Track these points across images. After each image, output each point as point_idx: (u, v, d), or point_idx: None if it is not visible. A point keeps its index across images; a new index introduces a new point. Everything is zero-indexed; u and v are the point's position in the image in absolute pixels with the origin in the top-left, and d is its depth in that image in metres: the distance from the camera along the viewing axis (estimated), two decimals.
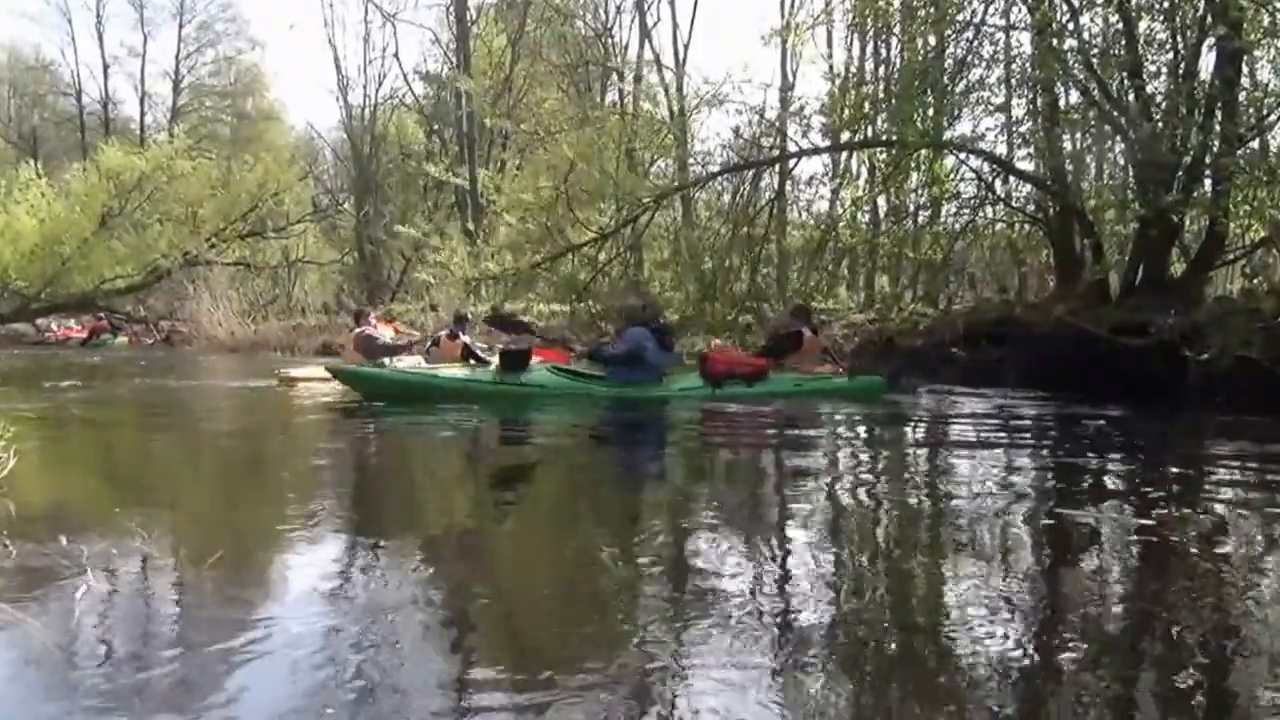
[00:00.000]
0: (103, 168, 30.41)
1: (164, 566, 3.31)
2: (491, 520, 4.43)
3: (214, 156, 35.96)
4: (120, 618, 2.80)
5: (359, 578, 3.23)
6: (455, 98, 31.02)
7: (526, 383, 9.23)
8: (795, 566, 3.43)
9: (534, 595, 3.27)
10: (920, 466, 6.11)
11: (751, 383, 9.55)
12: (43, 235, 29.59)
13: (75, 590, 2.95)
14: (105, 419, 8.53)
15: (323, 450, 6.69)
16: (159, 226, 30.91)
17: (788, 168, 16.27)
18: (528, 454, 6.91)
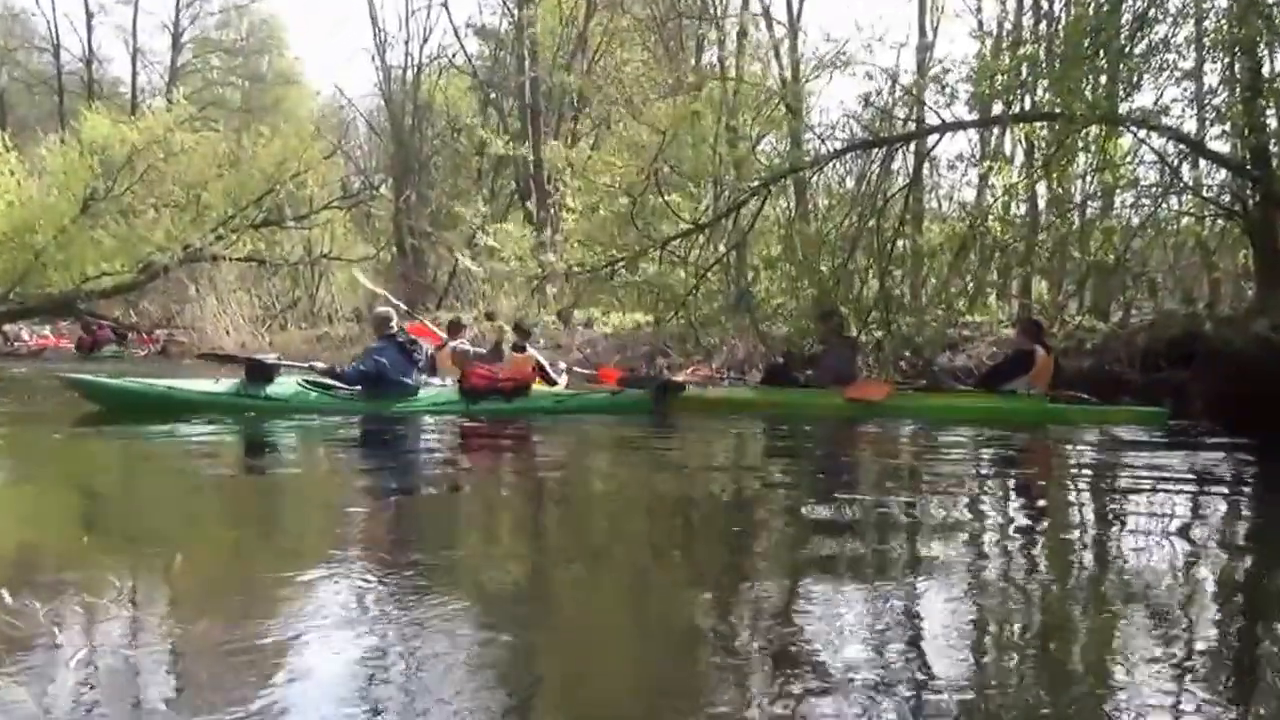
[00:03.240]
0: (85, 140, 32.21)
1: (151, 624, 3.80)
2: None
3: (221, 128, 37.47)
4: (105, 686, 3.18)
5: (361, 640, 3.65)
6: (516, 59, 32.10)
7: (271, 396, 10.72)
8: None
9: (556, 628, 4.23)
10: (1082, 512, 7.11)
11: (511, 398, 11.49)
12: (11, 222, 31.36)
13: (54, 653, 3.38)
14: (86, 446, 9.66)
15: (311, 481, 8.00)
16: (154, 213, 32.42)
17: (926, 146, 16.76)
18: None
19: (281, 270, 33.27)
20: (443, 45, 44.46)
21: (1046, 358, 11.74)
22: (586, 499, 7.60)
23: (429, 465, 9.26)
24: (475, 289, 24.94)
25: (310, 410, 10.78)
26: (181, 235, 30.89)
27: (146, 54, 54.50)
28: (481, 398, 11.36)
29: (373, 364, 10.98)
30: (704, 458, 9.54)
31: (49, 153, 33.76)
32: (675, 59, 27.42)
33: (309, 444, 9.86)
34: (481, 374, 11.71)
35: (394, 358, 11.04)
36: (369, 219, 39.54)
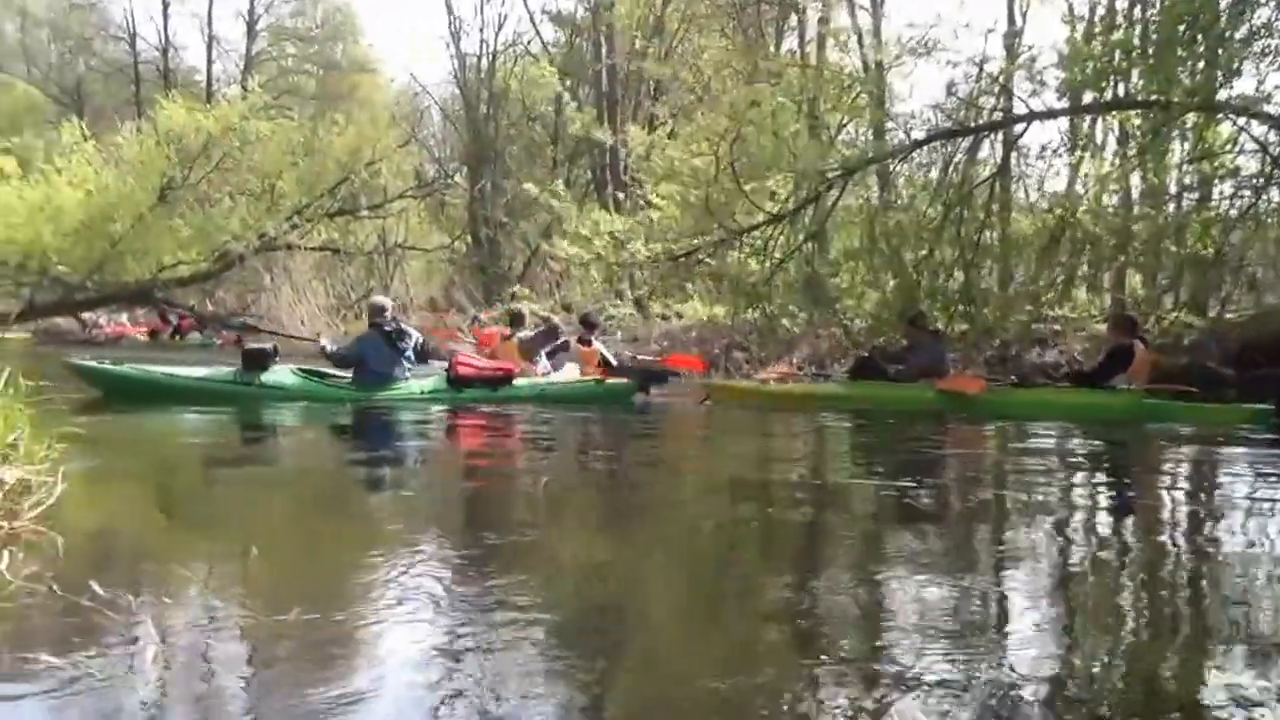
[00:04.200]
0: (161, 129, 32.28)
1: (227, 619, 3.84)
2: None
3: (296, 116, 37.92)
4: (181, 679, 3.26)
5: (444, 635, 3.70)
6: (593, 45, 32.19)
7: (266, 383, 11.32)
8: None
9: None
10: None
11: (496, 388, 12.07)
12: (89, 211, 31.71)
13: (129, 645, 3.47)
14: (162, 437, 10.00)
15: (389, 471, 8.18)
16: (229, 202, 32.64)
17: (1014, 135, 16.66)
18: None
19: (356, 259, 33.52)
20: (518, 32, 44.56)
21: (1145, 352, 11.63)
22: (662, 490, 7.64)
23: (476, 452, 9.49)
24: (550, 279, 24.99)
25: (302, 398, 11.42)
26: (257, 224, 31.24)
27: (221, 42, 55.34)
28: (468, 386, 11.94)
29: (353, 351, 11.87)
30: (788, 451, 9.57)
31: (126, 141, 34.24)
32: (754, 46, 27.36)
33: (325, 430, 10.41)
34: (468, 363, 12.23)
35: (378, 347, 11.69)
36: (443, 208, 39.84)
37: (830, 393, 12.76)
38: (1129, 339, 11.69)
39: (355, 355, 11.79)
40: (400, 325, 12.02)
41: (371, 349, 11.71)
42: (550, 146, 38.10)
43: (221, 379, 11.40)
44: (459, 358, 12.53)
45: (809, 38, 24.94)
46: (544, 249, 24.51)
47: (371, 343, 11.75)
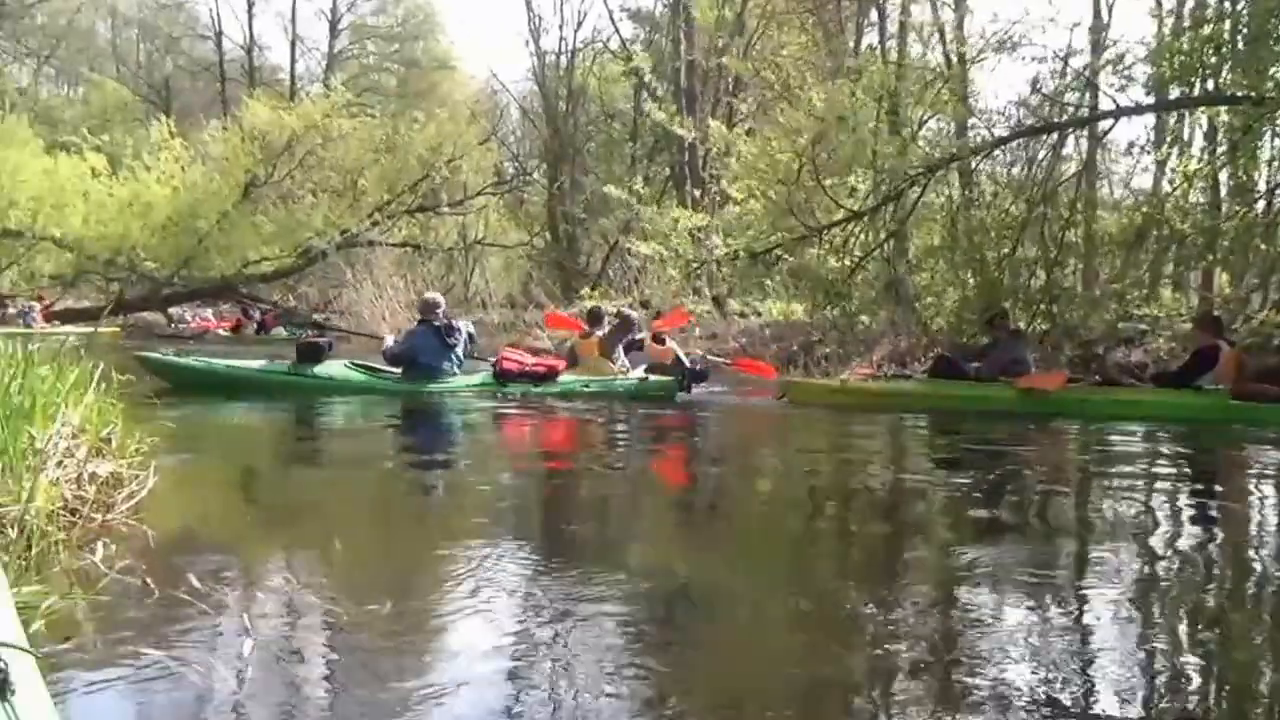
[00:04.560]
0: (246, 126, 33.18)
1: (314, 611, 3.96)
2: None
3: (377, 114, 38.41)
4: (272, 670, 3.34)
5: (531, 635, 3.73)
6: (672, 42, 32.24)
7: (319, 375, 11.79)
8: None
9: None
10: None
11: (539, 383, 12.37)
12: (176, 208, 32.74)
13: (222, 636, 3.57)
14: (252, 431, 10.41)
15: (479, 467, 8.30)
16: (312, 198, 33.42)
17: (1099, 131, 16.51)
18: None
19: (436, 256, 33.82)
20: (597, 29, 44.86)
21: (1231, 353, 11.43)
22: (736, 487, 7.67)
23: (542, 446, 9.66)
24: (628, 276, 25.06)
25: (353, 389, 11.88)
26: (339, 220, 31.79)
27: (305, 41, 56.35)
28: (512, 381, 12.24)
29: (405, 346, 12.18)
30: (865, 450, 9.54)
31: (212, 139, 35.05)
32: (834, 41, 27.25)
33: (383, 422, 10.78)
34: (512, 359, 12.65)
35: (428, 342, 12.00)
36: (522, 205, 40.15)
37: (908, 391, 12.67)
38: (1215, 339, 11.53)
39: (409, 350, 12.11)
40: (451, 321, 12.32)
41: (423, 343, 12.04)
42: (629, 143, 38.22)
43: (278, 371, 12.00)
44: (504, 353, 12.97)
45: (890, 32, 24.77)
46: (622, 245, 24.56)
47: (423, 337, 12.09)
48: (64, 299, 34.02)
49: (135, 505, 5.17)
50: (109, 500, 5.09)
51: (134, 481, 5.36)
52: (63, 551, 4.36)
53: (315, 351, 12.02)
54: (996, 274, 15.97)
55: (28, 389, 5.11)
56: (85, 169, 33.90)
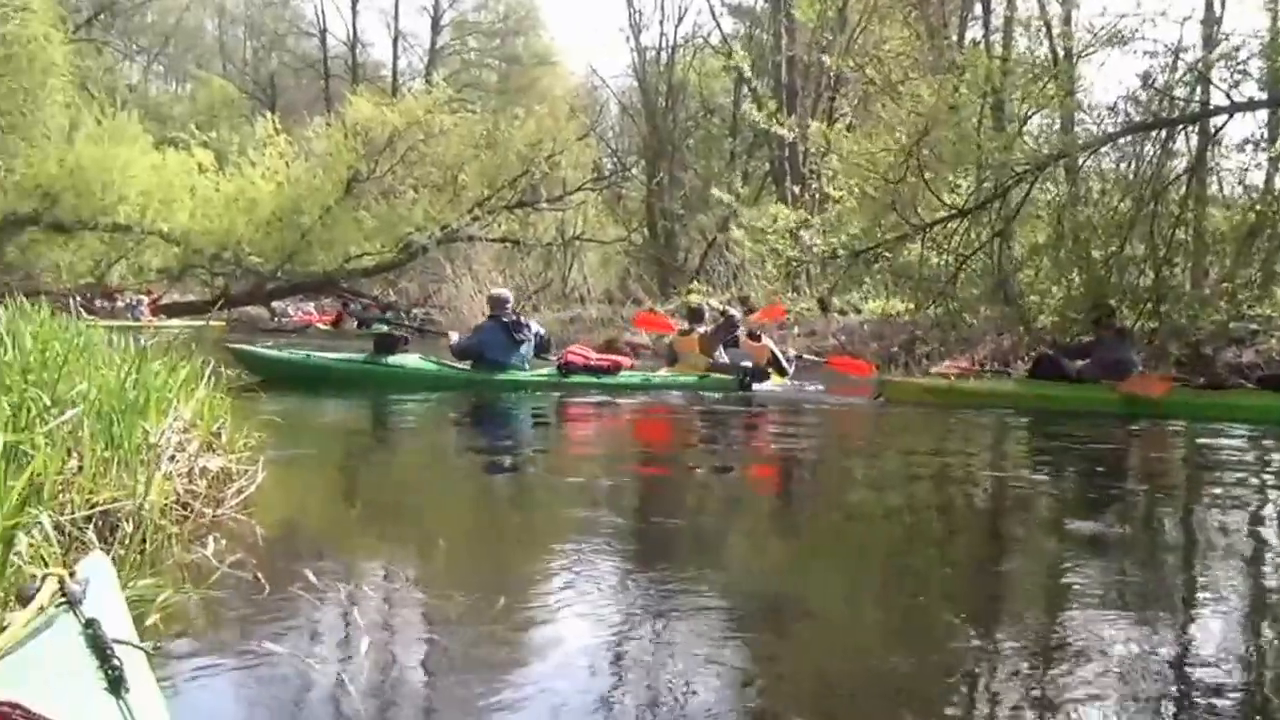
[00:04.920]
0: (349, 122, 33.69)
1: (424, 609, 4.11)
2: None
3: (478, 110, 38.79)
4: (386, 669, 3.43)
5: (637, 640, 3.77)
6: (773, 37, 32.16)
7: (392, 367, 12.39)
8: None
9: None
10: None
11: (601, 377, 12.73)
12: (280, 203, 33.32)
13: (336, 633, 3.69)
14: (341, 423, 10.75)
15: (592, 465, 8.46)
16: (413, 194, 33.77)
17: (1210, 128, 16.17)
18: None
19: (534, 251, 34.03)
20: (698, 24, 44.82)
21: None
22: (832, 488, 7.71)
23: (630, 441, 9.78)
24: (726, 272, 25.04)
25: (425, 381, 12.43)
26: (439, 216, 32.09)
27: (407, 37, 56.81)
28: (576, 373, 12.64)
29: (473, 341, 12.67)
30: (961, 451, 9.51)
31: (315, 135, 35.66)
32: (937, 36, 26.97)
33: (464, 415, 11.35)
34: (577, 354, 13.04)
35: (495, 338, 12.48)
36: (620, 201, 40.24)
37: (1008, 391, 12.55)
38: None
39: (476, 345, 12.55)
40: (519, 318, 12.80)
41: (490, 339, 12.49)
42: (728, 139, 38.18)
43: (356, 363, 12.52)
44: (570, 349, 13.34)
45: (994, 26, 24.47)
46: (720, 242, 24.56)
47: (490, 333, 12.54)
48: (170, 293, 34.83)
49: (244, 500, 5.31)
50: (219, 495, 5.27)
51: (243, 476, 5.50)
52: (175, 545, 4.53)
53: (390, 344, 12.61)
54: (1103, 272, 15.73)
55: (142, 385, 5.25)
56: (192, 165, 34.67)
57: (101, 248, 34.15)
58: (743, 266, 23.01)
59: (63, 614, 2.14)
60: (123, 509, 4.35)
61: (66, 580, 2.23)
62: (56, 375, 4.91)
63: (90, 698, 1.88)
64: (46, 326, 6.23)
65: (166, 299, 34.12)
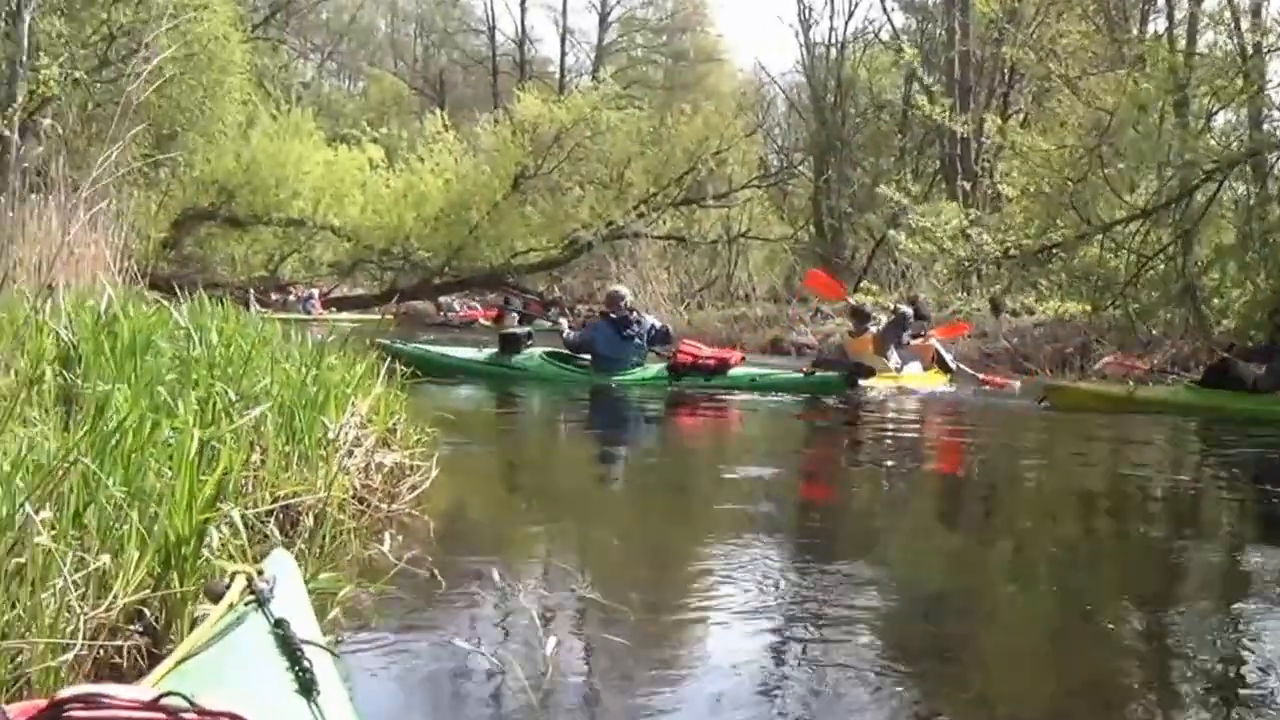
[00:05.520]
0: (517, 119, 34.17)
1: (601, 608, 4.04)
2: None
3: (644, 106, 38.94)
4: (566, 668, 3.44)
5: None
6: (947, 32, 31.72)
7: (517, 364, 13.08)
8: None
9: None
10: None
11: (710, 376, 12.73)
12: (448, 199, 34.05)
13: (516, 632, 3.72)
14: (529, 422, 11.26)
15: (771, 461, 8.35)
16: (579, 191, 34.11)
17: None
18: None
19: (699, 249, 34.05)
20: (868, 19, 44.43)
21: None
22: (995, 493, 7.61)
23: (783, 441, 9.77)
24: (894, 271, 24.76)
25: (546, 378, 13.03)
26: (605, 213, 32.29)
27: (575, 34, 57.39)
28: (685, 373, 12.77)
29: (585, 337, 13.22)
30: (1131, 461, 9.27)
31: (483, 132, 36.13)
32: (1117, 30, 26.30)
33: (594, 412, 11.91)
34: (687, 351, 13.12)
35: (605, 334, 12.89)
36: (786, 198, 40.04)
37: (1179, 399, 12.09)
38: None
39: (587, 341, 13.08)
40: (630, 315, 13.02)
41: (601, 335, 12.94)
42: (897, 136, 37.75)
43: (483, 359, 13.28)
44: (682, 345, 13.43)
45: (1178, 19, 23.76)
46: (889, 241, 24.25)
47: (601, 330, 13.02)
48: (340, 287, 35.77)
49: (418, 496, 5.44)
50: (393, 490, 5.39)
51: (417, 472, 5.64)
52: (353, 540, 4.63)
53: (515, 341, 13.37)
54: None
55: (322, 380, 5.43)
56: (363, 161, 35.64)
57: (275, 242, 35.34)
58: (911, 266, 22.71)
59: (251, 612, 2.19)
60: (303, 504, 4.50)
61: (255, 578, 2.28)
62: (241, 371, 5.09)
63: (282, 700, 1.92)
64: (231, 322, 6.44)
65: (336, 293, 35.06)
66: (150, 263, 17.48)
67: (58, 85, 19.95)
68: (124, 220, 10.32)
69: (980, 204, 22.24)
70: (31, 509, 2.72)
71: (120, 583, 2.98)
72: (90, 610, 2.84)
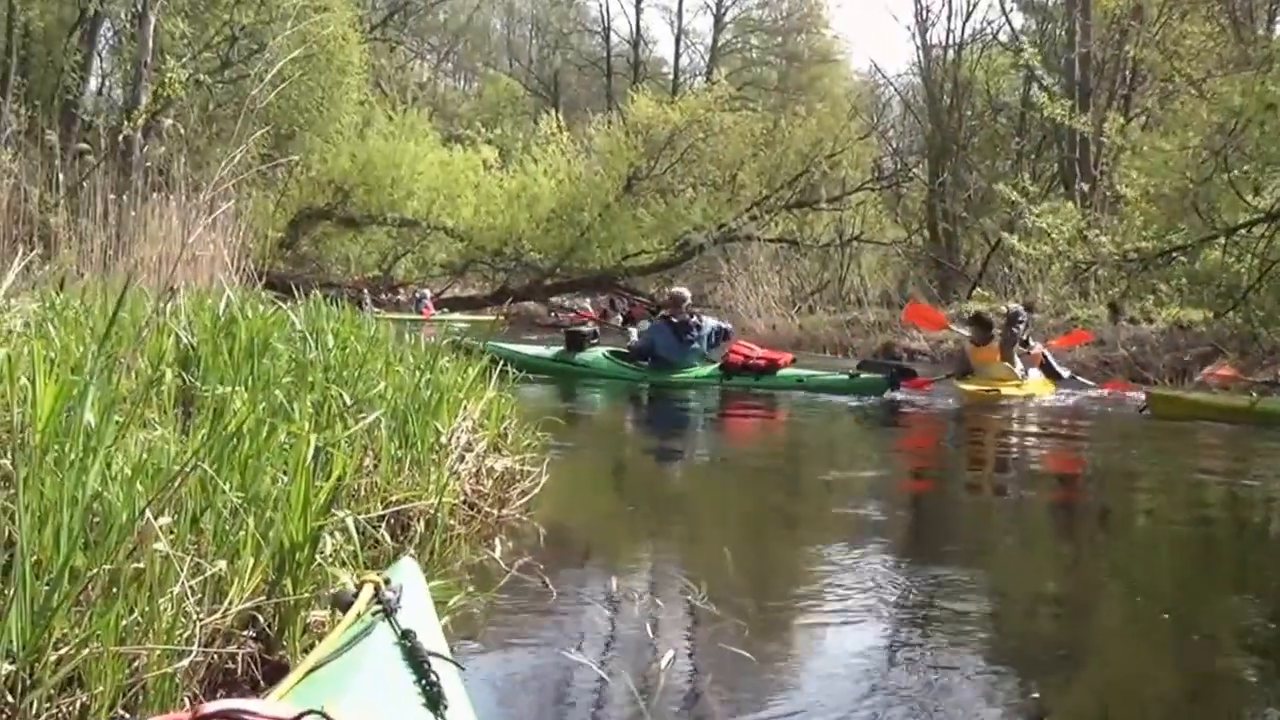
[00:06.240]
0: (630, 120, 34.25)
1: (716, 622, 4.00)
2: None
3: (758, 108, 38.89)
4: (680, 681, 3.48)
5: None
6: (1067, 33, 31.27)
7: (580, 362, 13.66)
8: None
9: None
10: None
11: (759, 376, 13.10)
12: (560, 200, 34.26)
13: (630, 645, 3.74)
14: (612, 421, 11.45)
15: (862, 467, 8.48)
16: (691, 192, 34.05)
17: None
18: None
19: (812, 252, 33.87)
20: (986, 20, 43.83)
21: None
22: (1099, 501, 7.56)
23: (879, 447, 9.81)
24: (1011, 276, 24.45)
25: (610, 376, 13.57)
26: (717, 215, 32.23)
27: (690, 35, 57.61)
28: (736, 373, 13.21)
29: (645, 341, 13.71)
30: (1232, 472, 8.91)
31: (597, 133, 36.37)
32: (1243, 30, 25.77)
33: (696, 410, 12.26)
34: (739, 351, 13.51)
35: (663, 337, 13.41)
36: (900, 201, 39.67)
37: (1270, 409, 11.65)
38: None
39: (647, 344, 13.63)
40: (688, 318, 13.46)
41: (659, 338, 13.48)
42: (1015, 139, 37.24)
43: (550, 356, 13.84)
44: (735, 345, 13.83)
45: None
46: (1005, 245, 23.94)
47: (659, 332, 13.55)
48: (452, 287, 36.20)
49: (527, 501, 5.51)
50: (504, 495, 5.48)
51: (527, 478, 5.72)
52: (464, 546, 4.71)
53: (579, 340, 14.03)
54: None
55: (434, 384, 5.52)
56: (477, 161, 36.03)
57: (389, 242, 35.94)
58: (1027, 271, 22.42)
59: (379, 622, 2.24)
60: (415, 509, 4.59)
61: (382, 588, 2.34)
62: (357, 374, 5.20)
63: (409, 713, 1.96)
64: (347, 325, 6.58)
65: (448, 294, 35.49)
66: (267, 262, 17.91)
67: (182, 87, 20.43)
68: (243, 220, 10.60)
69: (1099, 207, 21.90)
70: (151, 514, 2.80)
71: (235, 589, 3.08)
72: (206, 616, 2.93)
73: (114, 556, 2.70)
